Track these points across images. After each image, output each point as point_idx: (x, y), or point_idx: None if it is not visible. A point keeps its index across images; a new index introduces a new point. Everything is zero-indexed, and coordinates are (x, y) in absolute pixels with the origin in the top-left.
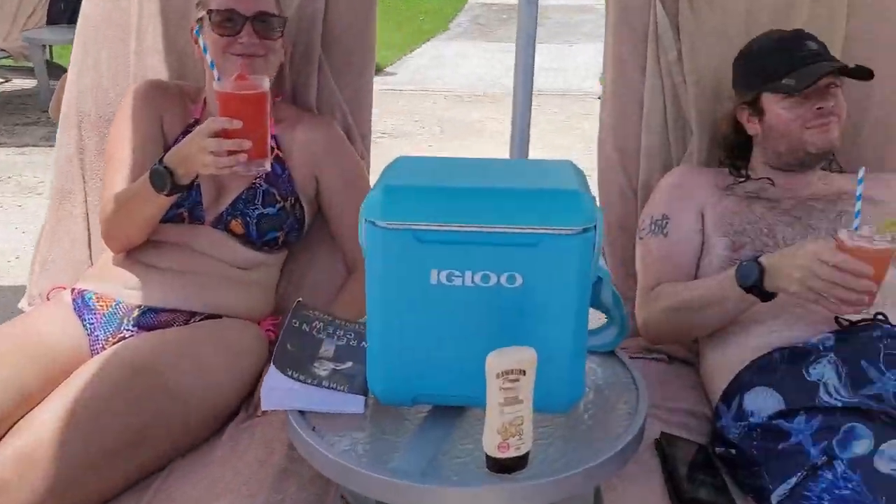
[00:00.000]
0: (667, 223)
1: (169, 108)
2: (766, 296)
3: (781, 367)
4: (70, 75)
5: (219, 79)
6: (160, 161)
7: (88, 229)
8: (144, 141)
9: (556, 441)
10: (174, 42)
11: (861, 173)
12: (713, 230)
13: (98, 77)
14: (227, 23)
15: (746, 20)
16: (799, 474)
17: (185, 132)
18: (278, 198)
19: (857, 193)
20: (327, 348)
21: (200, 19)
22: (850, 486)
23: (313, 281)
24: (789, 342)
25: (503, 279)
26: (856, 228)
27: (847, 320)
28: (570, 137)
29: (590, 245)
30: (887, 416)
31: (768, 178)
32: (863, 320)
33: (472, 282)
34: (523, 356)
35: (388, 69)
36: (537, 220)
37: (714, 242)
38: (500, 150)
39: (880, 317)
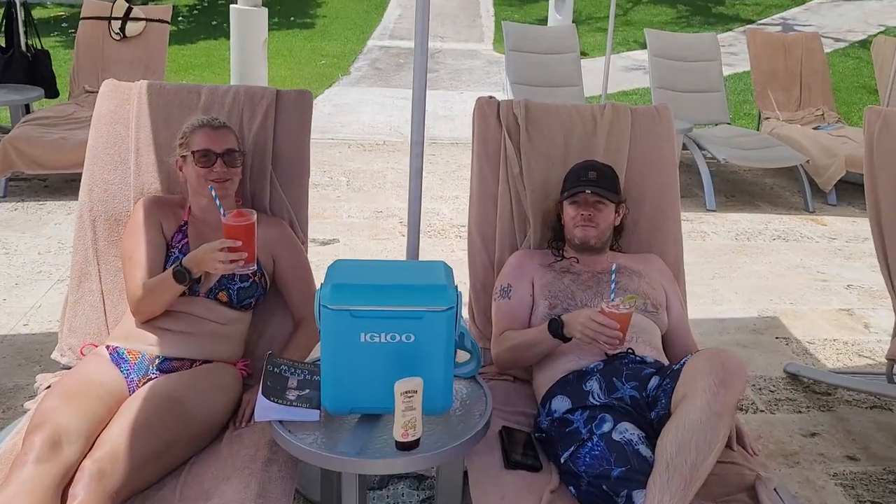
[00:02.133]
0: (510, 290)
1: (165, 216)
2: (565, 339)
3: (573, 383)
4: (83, 190)
5: (224, 215)
6: (180, 263)
7: (104, 301)
8: (151, 246)
9: (437, 431)
10: (164, 164)
11: (613, 268)
12: (539, 295)
13: (106, 189)
14: (204, 158)
15: (564, 147)
16: (575, 445)
17: (179, 231)
18: (251, 275)
19: (612, 279)
20: (292, 382)
21: (185, 156)
22: (598, 449)
23: (272, 332)
24: (578, 367)
25: (403, 337)
26: (612, 300)
27: (612, 353)
28: (460, 188)
29: (452, 317)
30: (623, 409)
31: (575, 258)
32: (619, 353)
33: (385, 339)
34: (415, 382)
35: None
36: (422, 303)
37: (539, 303)
38: (400, 200)
39: (630, 351)
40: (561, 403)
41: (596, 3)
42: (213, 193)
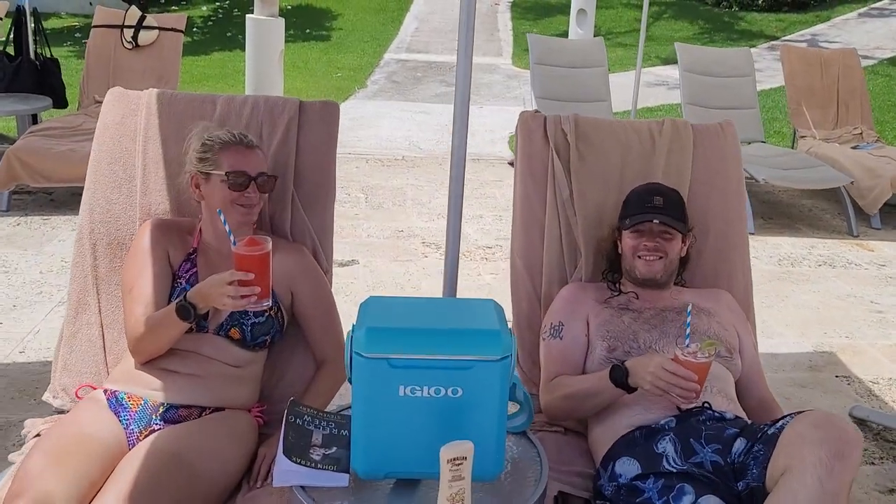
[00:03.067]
0: (562, 328)
1: (171, 242)
2: (630, 389)
3: (640, 442)
4: (83, 209)
5: (234, 243)
6: (184, 298)
7: (103, 336)
8: (156, 278)
9: (487, 501)
10: (174, 182)
11: (689, 308)
12: (595, 335)
13: (108, 209)
14: (238, 182)
15: (620, 168)
16: None
17: (187, 259)
18: (266, 309)
19: (687, 322)
20: (317, 437)
21: (207, 174)
22: None
23: (292, 374)
24: (646, 422)
25: (449, 391)
26: (687, 346)
27: (687, 408)
28: (483, 207)
29: (507, 367)
30: (704, 478)
31: (634, 293)
32: (694, 407)
33: (428, 393)
34: (464, 447)
35: None
36: (472, 351)
37: (596, 345)
38: (422, 219)
39: (706, 405)
40: (628, 467)
41: (615, 18)
42: (223, 217)
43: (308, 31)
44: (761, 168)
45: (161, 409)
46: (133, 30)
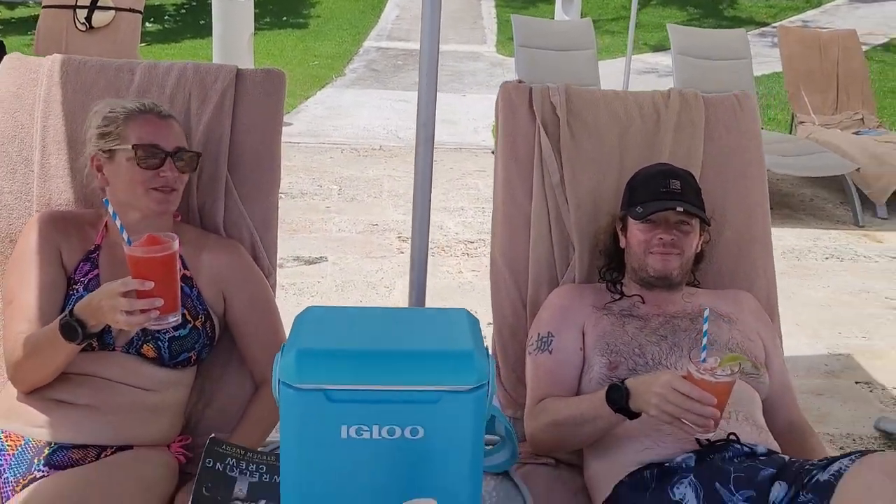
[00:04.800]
0: (552, 340)
1: (66, 239)
2: (632, 415)
3: (651, 485)
4: None
5: (129, 241)
6: (70, 313)
7: None
8: (43, 285)
9: None
10: (80, 166)
11: (706, 314)
12: (592, 349)
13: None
14: (149, 157)
15: (619, 149)
16: None
17: (87, 259)
18: (189, 318)
19: (704, 330)
20: (241, 487)
21: (111, 151)
22: None
23: (224, 398)
24: (658, 458)
25: (407, 432)
26: (703, 361)
27: (707, 439)
28: (465, 198)
29: (483, 398)
30: None
31: (639, 296)
32: (718, 441)
33: (380, 435)
34: None
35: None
36: (437, 380)
37: (594, 361)
38: (398, 212)
39: (732, 437)
40: None
41: (602, 6)
42: (111, 210)
43: (284, 17)
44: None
45: (46, 451)
46: (87, 10)
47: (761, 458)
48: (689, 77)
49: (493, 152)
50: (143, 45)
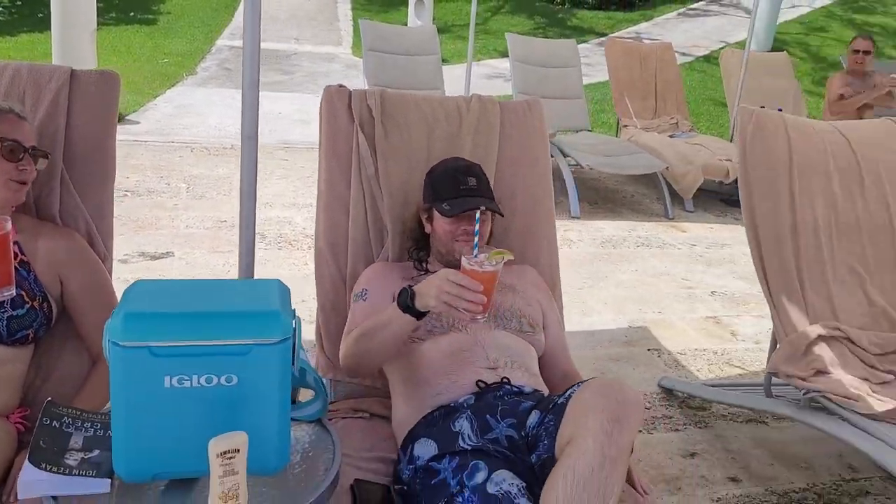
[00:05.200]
0: (367, 294)
1: None
2: (420, 314)
3: (438, 422)
4: None
5: None
6: None
7: None
8: None
9: (270, 495)
10: None
11: (477, 216)
12: None
13: None
14: (13, 151)
15: (427, 146)
16: (443, 500)
17: None
18: (26, 298)
19: (476, 230)
20: (76, 440)
21: None
22: None
23: (61, 373)
24: (447, 401)
25: (223, 380)
26: (476, 257)
27: (483, 382)
28: (314, 195)
29: (288, 350)
30: (499, 454)
31: None
32: (494, 383)
33: (198, 383)
34: (237, 439)
35: (129, 117)
36: (247, 334)
37: None
38: None
39: (505, 380)
40: (426, 448)
41: (456, 12)
42: None
43: (131, 13)
44: (587, 155)
45: None
46: None
47: (526, 395)
48: (526, 83)
49: None
50: None
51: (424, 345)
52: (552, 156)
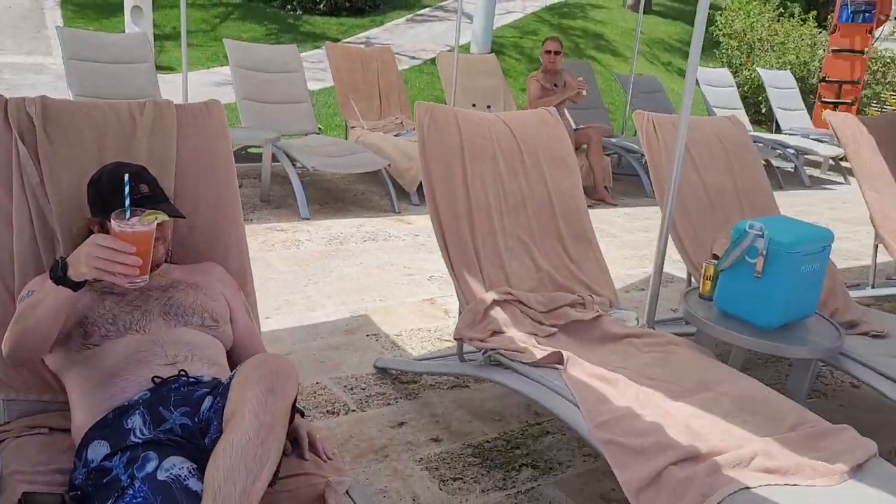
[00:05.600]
0: (32, 293)
1: None
2: (76, 285)
3: (111, 422)
4: None
5: None
6: None
7: None
8: None
9: None
10: None
11: (126, 178)
12: (74, 325)
13: None
14: None
15: (99, 151)
16: (115, 496)
17: None
18: None
19: (126, 194)
20: None
21: None
22: (141, 495)
23: None
24: (121, 402)
25: None
26: (127, 219)
27: (160, 378)
28: None
29: None
30: (172, 442)
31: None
32: (171, 376)
33: None
34: None
35: None
36: None
37: (73, 332)
38: None
39: (182, 373)
40: (98, 450)
41: (180, 19)
42: None
43: None
44: (312, 157)
45: None
46: None
47: (203, 384)
48: (248, 89)
49: None
50: None
51: (99, 350)
52: (277, 160)
